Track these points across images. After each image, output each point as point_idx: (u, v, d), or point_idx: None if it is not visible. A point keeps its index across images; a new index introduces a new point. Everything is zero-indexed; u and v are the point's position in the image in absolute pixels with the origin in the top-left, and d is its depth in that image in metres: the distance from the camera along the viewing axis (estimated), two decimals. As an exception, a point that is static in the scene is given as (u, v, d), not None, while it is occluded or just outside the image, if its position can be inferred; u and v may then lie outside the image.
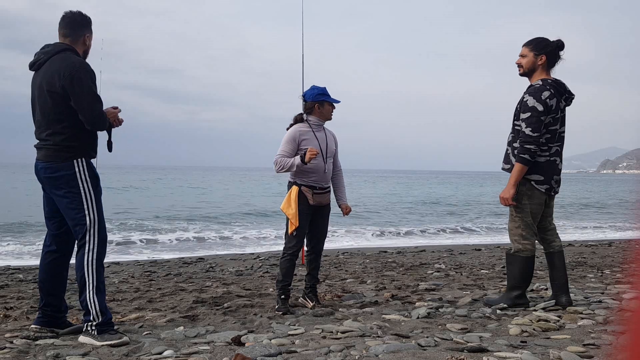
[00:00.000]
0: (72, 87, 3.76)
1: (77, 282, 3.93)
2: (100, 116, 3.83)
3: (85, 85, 3.77)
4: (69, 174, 3.83)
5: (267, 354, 3.31)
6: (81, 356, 3.46)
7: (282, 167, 4.88)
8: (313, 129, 5.01)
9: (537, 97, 4.45)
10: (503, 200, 4.59)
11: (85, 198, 3.84)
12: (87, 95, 3.76)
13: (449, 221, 20.48)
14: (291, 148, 4.90)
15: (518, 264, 4.69)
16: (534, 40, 4.62)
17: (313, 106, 5.00)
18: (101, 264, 3.91)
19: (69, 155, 3.84)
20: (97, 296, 3.84)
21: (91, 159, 3.96)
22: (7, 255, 10.81)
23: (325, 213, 5.13)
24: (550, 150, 4.58)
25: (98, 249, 3.86)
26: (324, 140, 5.04)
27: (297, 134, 4.94)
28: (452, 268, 7.98)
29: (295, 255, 5.03)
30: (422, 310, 4.57)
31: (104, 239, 3.94)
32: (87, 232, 3.84)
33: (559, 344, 3.48)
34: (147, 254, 11.02)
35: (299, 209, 4.90)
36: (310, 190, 4.96)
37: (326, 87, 5.06)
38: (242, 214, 21.09)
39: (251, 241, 13.65)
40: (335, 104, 5.05)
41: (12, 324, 4.52)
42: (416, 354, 3.26)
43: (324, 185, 5.04)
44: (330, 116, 5.07)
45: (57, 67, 3.79)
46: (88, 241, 3.84)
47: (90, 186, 3.86)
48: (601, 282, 6.30)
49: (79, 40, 3.96)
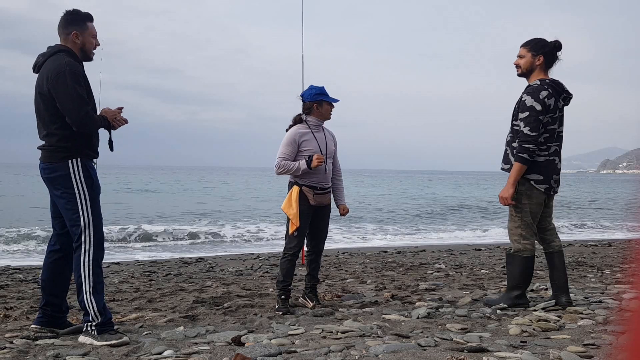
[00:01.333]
0: (56, 89, 3.76)
1: (75, 283, 3.94)
2: (85, 117, 3.75)
3: (69, 87, 3.73)
4: (64, 174, 3.83)
5: (267, 354, 3.31)
6: (81, 356, 3.46)
7: (285, 170, 4.89)
8: (312, 130, 5.00)
9: (535, 96, 4.47)
10: (502, 200, 4.61)
11: (80, 199, 3.83)
12: (70, 97, 3.73)
13: (449, 221, 20.49)
14: (291, 150, 4.90)
15: (518, 264, 4.69)
16: (532, 40, 4.65)
17: (312, 106, 4.98)
18: (98, 264, 3.89)
19: (64, 156, 3.83)
20: (94, 297, 3.84)
21: (89, 159, 3.93)
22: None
23: (325, 213, 5.13)
24: (549, 150, 4.59)
25: (94, 249, 3.85)
26: (324, 140, 5.03)
27: (296, 136, 4.93)
28: (452, 268, 7.98)
29: (296, 255, 5.03)
30: (422, 310, 4.57)
31: (100, 240, 3.91)
32: (82, 233, 3.83)
33: (559, 344, 3.48)
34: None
35: (300, 209, 4.90)
36: (311, 191, 4.96)
37: (324, 86, 5.05)
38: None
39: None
40: (334, 103, 5.04)
41: (12, 324, 4.52)
42: (416, 354, 3.26)
43: (324, 185, 5.03)
44: (329, 116, 5.05)
45: (47, 70, 3.81)
46: (84, 242, 3.84)
47: (84, 187, 3.84)
48: (601, 282, 6.30)
49: (68, 39, 3.93)
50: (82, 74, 3.88)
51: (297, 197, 4.91)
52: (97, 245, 3.87)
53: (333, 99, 5.01)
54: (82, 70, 3.90)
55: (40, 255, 10.78)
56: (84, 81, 3.86)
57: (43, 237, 12.46)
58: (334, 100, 5.02)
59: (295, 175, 4.96)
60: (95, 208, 3.90)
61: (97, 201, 3.94)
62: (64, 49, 3.90)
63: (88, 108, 3.81)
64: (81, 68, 3.92)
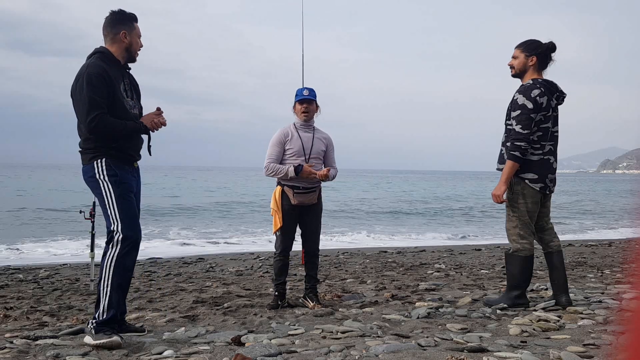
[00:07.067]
0: (73, 92, 3.81)
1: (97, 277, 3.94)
2: (92, 121, 3.71)
3: (82, 90, 3.73)
4: (92, 175, 3.86)
5: (267, 354, 3.31)
6: (81, 356, 3.45)
7: (273, 173, 5.01)
8: (298, 130, 5.08)
9: (527, 95, 4.53)
10: (495, 198, 4.65)
11: (106, 198, 3.83)
12: (82, 102, 3.73)
13: (448, 221, 20.49)
14: (278, 151, 5.03)
15: (517, 264, 4.70)
16: (526, 42, 4.72)
17: (294, 108, 5.13)
18: (121, 262, 3.79)
19: (91, 157, 3.85)
20: (110, 290, 3.77)
21: (117, 159, 3.87)
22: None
23: (314, 212, 5.15)
24: (544, 149, 4.62)
25: (121, 247, 3.79)
26: (310, 140, 5.08)
27: (281, 136, 5.06)
28: (452, 268, 7.99)
29: (285, 254, 5.12)
30: (422, 310, 4.57)
31: (129, 238, 3.81)
32: (112, 231, 3.83)
33: (559, 344, 3.48)
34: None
35: (282, 208, 5.03)
36: (291, 190, 5.03)
37: (311, 88, 5.10)
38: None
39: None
40: (305, 100, 5.05)
41: (12, 324, 4.52)
42: (416, 354, 3.25)
43: (307, 185, 5.07)
44: (301, 116, 5.09)
45: (76, 74, 3.85)
46: (111, 240, 3.83)
47: (109, 186, 3.82)
48: (601, 282, 6.30)
49: (116, 39, 3.91)
50: (106, 76, 3.78)
51: (280, 197, 5.04)
52: (125, 244, 3.80)
53: (300, 98, 5.06)
54: (107, 73, 3.80)
55: (40, 256, 10.78)
56: (106, 84, 3.76)
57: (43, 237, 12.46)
58: (302, 98, 5.06)
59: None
60: (124, 207, 3.84)
61: (127, 200, 3.86)
62: (100, 50, 3.90)
63: (99, 112, 3.72)
64: (111, 71, 3.83)
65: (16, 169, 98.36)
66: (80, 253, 10.70)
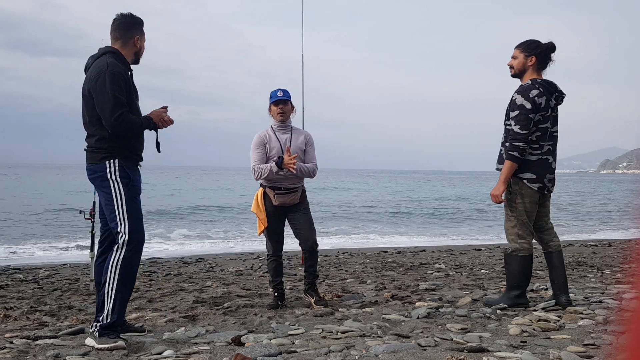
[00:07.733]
0: (95, 90, 3.77)
1: (102, 279, 3.88)
2: (118, 119, 3.72)
3: (107, 88, 3.72)
4: (102, 174, 3.84)
5: (267, 354, 3.31)
6: (81, 356, 3.45)
7: (260, 174, 5.01)
8: (275, 132, 5.11)
9: (526, 95, 4.53)
10: (494, 198, 4.66)
11: (116, 198, 3.82)
12: (105, 98, 3.72)
13: (449, 221, 20.49)
14: (260, 153, 5.05)
15: (516, 264, 4.70)
16: (525, 42, 4.73)
17: (269, 110, 5.16)
18: (127, 264, 3.78)
19: (102, 157, 3.84)
20: (115, 293, 3.75)
21: (129, 160, 3.88)
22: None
23: (300, 210, 5.15)
24: (542, 149, 4.63)
25: (126, 249, 3.78)
26: (288, 141, 5.10)
27: (260, 140, 5.08)
28: (452, 268, 7.99)
29: (277, 254, 5.15)
30: (422, 310, 4.58)
31: (136, 241, 3.82)
32: (118, 233, 3.82)
33: (559, 344, 3.48)
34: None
35: (265, 209, 5.07)
36: (272, 191, 5.06)
37: (285, 89, 5.11)
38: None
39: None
40: (278, 101, 5.06)
41: (12, 324, 4.52)
42: (416, 354, 3.25)
43: (287, 185, 5.08)
44: (277, 117, 5.11)
45: (91, 71, 3.83)
46: (117, 241, 3.82)
47: (121, 187, 3.82)
48: (601, 282, 6.30)
49: (129, 43, 3.93)
50: (125, 76, 3.83)
51: (262, 198, 5.09)
52: (130, 246, 3.79)
53: (275, 99, 5.07)
54: (125, 73, 3.85)
55: (40, 256, 10.79)
56: (125, 84, 3.81)
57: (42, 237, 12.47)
58: (277, 99, 5.07)
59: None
60: (133, 209, 3.84)
61: (136, 202, 3.88)
62: (112, 50, 3.90)
63: (124, 110, 3.75)
64: (126, 71, 3.88)
65: (16, 169, 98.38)
66: (80, 253, 10.71)
